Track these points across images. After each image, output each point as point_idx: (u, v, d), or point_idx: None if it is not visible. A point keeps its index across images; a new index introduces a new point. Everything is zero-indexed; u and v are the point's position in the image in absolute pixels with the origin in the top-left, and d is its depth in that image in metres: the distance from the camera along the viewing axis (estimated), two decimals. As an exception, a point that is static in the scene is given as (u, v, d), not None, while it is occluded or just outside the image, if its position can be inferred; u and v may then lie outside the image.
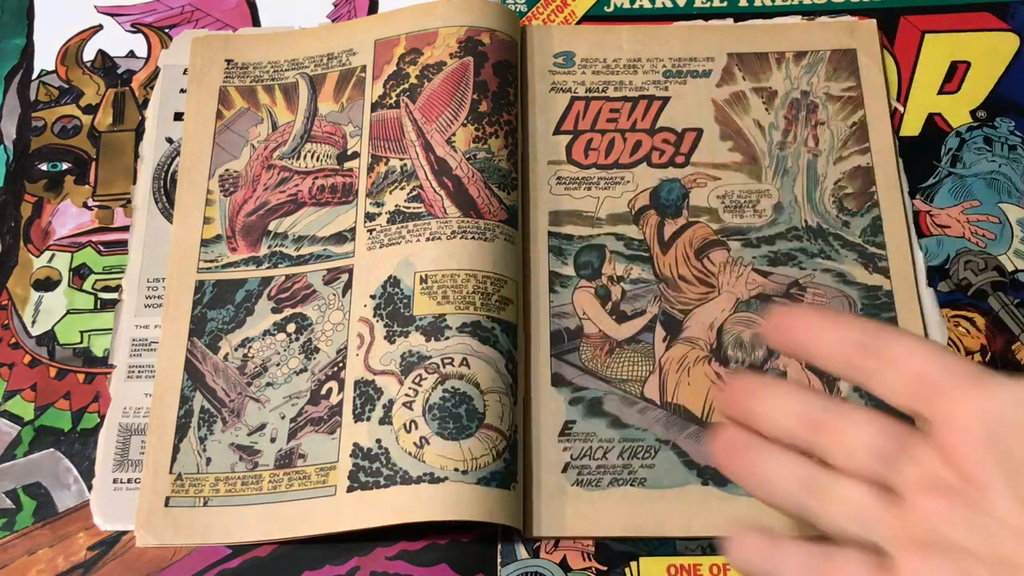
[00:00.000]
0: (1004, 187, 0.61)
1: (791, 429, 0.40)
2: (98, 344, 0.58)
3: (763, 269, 0.58)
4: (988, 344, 0.56)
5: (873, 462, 0.38)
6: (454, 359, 0.53)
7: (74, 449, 0.55)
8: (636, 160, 0.61)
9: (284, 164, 0.61)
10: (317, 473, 0.53)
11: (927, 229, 0.59)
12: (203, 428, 0.55)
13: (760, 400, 0.41)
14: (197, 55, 0.64)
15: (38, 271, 0.60)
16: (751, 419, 0.42)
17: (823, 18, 0.65)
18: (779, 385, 0.42)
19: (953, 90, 0.63)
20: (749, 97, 0.63)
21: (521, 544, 0.53)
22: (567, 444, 0.54)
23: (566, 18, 0.66)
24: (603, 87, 0.63)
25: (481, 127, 0.59)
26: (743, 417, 0.42)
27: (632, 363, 0.56)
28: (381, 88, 0.61)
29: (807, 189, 0.60)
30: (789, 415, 0.40)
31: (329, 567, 0.52)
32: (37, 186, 0.62)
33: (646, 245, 0.59)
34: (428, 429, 0.52)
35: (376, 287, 0.56)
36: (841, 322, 0.41)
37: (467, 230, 0.56)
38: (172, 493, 0.53)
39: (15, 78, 0.65)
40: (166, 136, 0.63)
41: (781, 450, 0.41)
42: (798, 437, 0.40)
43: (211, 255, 0.59)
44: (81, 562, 0.53)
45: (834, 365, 0.40)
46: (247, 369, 0.56)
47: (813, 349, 0.41)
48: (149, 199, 0.61)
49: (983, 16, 0.65)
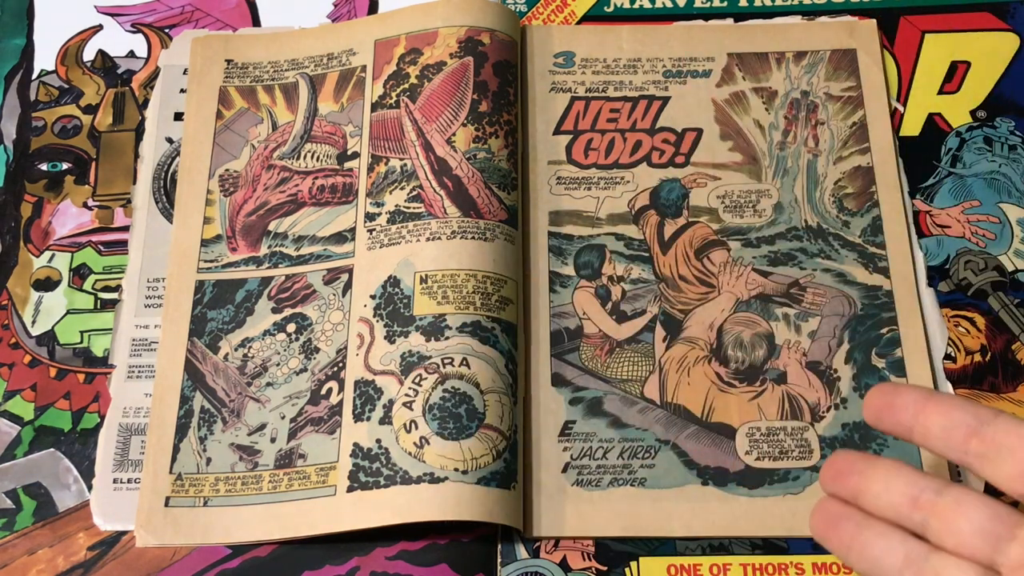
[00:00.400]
0: (1004, 187, 0.61)
1: (898, 507, 0.41)
2: (98, 344, 0.58)
3: (763, 269, 0.58)
4: (988, 344, 0.56)
5: (978, 542, 0.39)
6: (454, 359, 0.53)
7: (74, 449, 0.55)
8: (636, 160, 0.61)
9: (284, 164, 0.61)
10: (317, 473, 0.53)
11: (927, 229, 0.59)
12: (203, 428, 0.55)
13: (867, 477, 0.42)
14: (197, 55, 0.64)
15: (38, 271, 0.60)
16: (855, 494, 0.42)
17: (823, 18, 0.65)
18: (886, 462, 0.42)
19: (953, 90, 0.63)
20: (749, 97, 0.63)
21: (521, 544, 0.53)
22: (567, 444, 0.54)
23: (566, 18, 0.66)
24: (603, 87, 0.63)
25: (481, 127, 0.59)
26: (846, 492, 0.43)
27: (632, 363, 0.56)
28: (381, 88, 0.61)
29: (807, 189, 0.60)
30: (896, 493, 0.41)
31: (329, 567, 0.52)
32: (37, 186, 0.62)
33: (646, 245, 0.59)
34: (428, 429, 0.52)
35: (376, 287, 0.56)
36: (950, 404, 0.41)
37: (467, 230, 0.56)
38: (172, 493, 0.53)
39: (15, 78, 0.65)
40: (166, 136, 0.63)
41: (886, 526, 0.41)
42: (904, 515, 0.41)
43: (211, 255, 0.59)
44: (81, 562, 0.53)
45: (940, 446, 0.41)
46: (247, 369, 0.56)
47: (919, 430, 0.42)
48: (149, 199, 0.61)
49: (983, 16, 0.65)
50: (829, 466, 0.43)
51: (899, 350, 0.56)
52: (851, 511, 0.42)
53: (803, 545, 0.52)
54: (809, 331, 0.56)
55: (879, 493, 0.42)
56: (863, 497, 0.42)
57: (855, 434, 0.54)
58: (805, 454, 0.54)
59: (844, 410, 0.54)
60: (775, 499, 0.53)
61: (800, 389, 0.55)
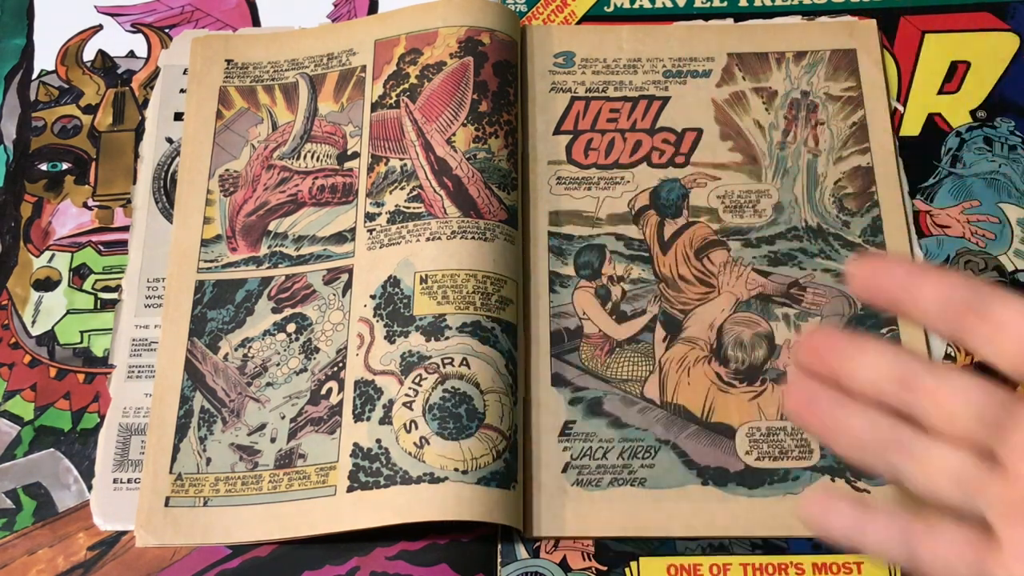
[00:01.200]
0: (1004, 187, 0.61)
1: (883, 387, 0.38)
2: (98, 344, 0.58)
3: (763, 269, 0.58)
4: (988, 344, 0.56)
5: (976, 427, 0.37)
6: (454, 359, 0.53)
7: (74, 449, 0.55)
8: (636, 160, 0.61)
9: (284, 164, 0.61)
10: (317, 473, 0.53)
11: (927, 229, 0.59)
12: (203, 428, 0.55)
13: (850, 355, 0.39)
14: (197, 55, 0.64)
15: (38, 271, 0.60)
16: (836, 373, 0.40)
17: (823, 18, 0.65)
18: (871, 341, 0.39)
19: (953, 90, 0.63)
20: (749, 97, 0.63)
21: (521, 544, 0.53)
22: (567, 444, 0.54)
23: (566, 18, 0.66)
24: (603, 87, 0.63)
25: (481, 127, 0.59)
26: (826, 370, 0.40)
27: (632, 363, 0.56)
28: (381, 88, 0.61)
29: (807, 189, 0.60)
30: (882, 373, 0.38)
31: (329, 567, 0.52)
32: (37, 186, 0.62)
33: (646, 245, 0.59)
34: (428, 429, 0.52)
35: (376, 287, 0.56)
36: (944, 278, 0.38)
37: (467, 230, 0.56)
38: (172, 493, 0.53)
39: (15, 78, 0.65)
40: (166, 136, 0.63)
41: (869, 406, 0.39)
42: (890, 396, 0.38)
43: (211, 255, 0.59)
44: (81, 562, 0.53)
45: (932, 321, 0.38)
46: (247, 369, 0.56)
47: (909, 303, 0.38)
48: (149, 199, 0.61)
49: (983, 16, 0.65)
50: (806, 342, 0.40)
51: (899, 350, 0.56)
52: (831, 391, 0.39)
53: (803, 545, 0.52)
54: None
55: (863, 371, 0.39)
56: (845, 376, 0.39)
57: (855, 434, 0.54)
58: (805, 454, 0.54)
59: (844, 410, 0.54)
60: (775, 499, 0.53)
61: (800, 389, 0.55)
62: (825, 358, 0.40)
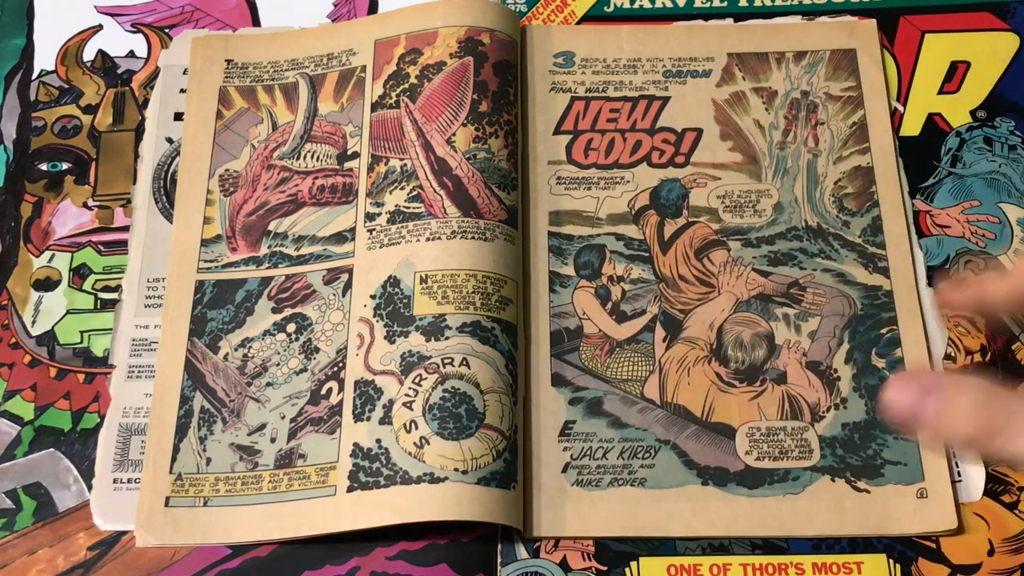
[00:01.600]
0: (1004, 187, 0.61)
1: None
2: (98, 344, 0.58)
3: (763, 269, 0.58)
4: (988, 344, 0.56)
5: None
6: (454, 359, 0.53)
7: (74, 449, 0.55)
8: (636, 160, 0.61)
9: (284, 164, 0.61)
10: (317, 473, 0.53)
11: (927, 229, 0.59)
12: (203, 428, 0.55)
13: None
14: (197, 55, 0.64)
15: (38, 271, 0.60)
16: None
17: (823, 18, 0.65)
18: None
19: (953, 90, 0.63)
20: (749, 97, 0.63)
21: (521, 544, 0.53)
22: (567, 444, 0.54)
23: (566, 18, 0.66)
24: (603, 87, 0.63)
25: (481, 127, 0.59)
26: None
27: (632, 363, 0.56)
28: (381, 88, 0.61)
29: (807, 189, 0.60)
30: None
31: (329, 567, 0.52)
32: (37, 186, 0.62)
33: (646, 245, 0.59)
34: (428, 429, 0.52)
35: (376, 287, 0.56)
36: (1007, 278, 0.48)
37: (467, 230, 0.56)
38: (172, 493, 0.53)
39: (15, 78, 0.65)
40: (166, 136, 0.63)
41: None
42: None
43: (211, 255, 0.59)
44: (81, 562, 0.53)
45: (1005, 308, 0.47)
46: (247, 369, 0.56)
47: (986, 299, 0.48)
48: (149, 199, 0.61)
49: (983, 16, 0.65)
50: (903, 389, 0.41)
51: (899, 350, 0.56)
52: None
53: (803, 545, 0.52)
54: (809, 331, 0.56)
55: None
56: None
57: (855, 434, 0.54)
58: (805, 454, 0.54)
59: (844, 410, 0.54)
60: (775, 499, 0.53)
61: (800, 389, 0.55)
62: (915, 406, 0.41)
